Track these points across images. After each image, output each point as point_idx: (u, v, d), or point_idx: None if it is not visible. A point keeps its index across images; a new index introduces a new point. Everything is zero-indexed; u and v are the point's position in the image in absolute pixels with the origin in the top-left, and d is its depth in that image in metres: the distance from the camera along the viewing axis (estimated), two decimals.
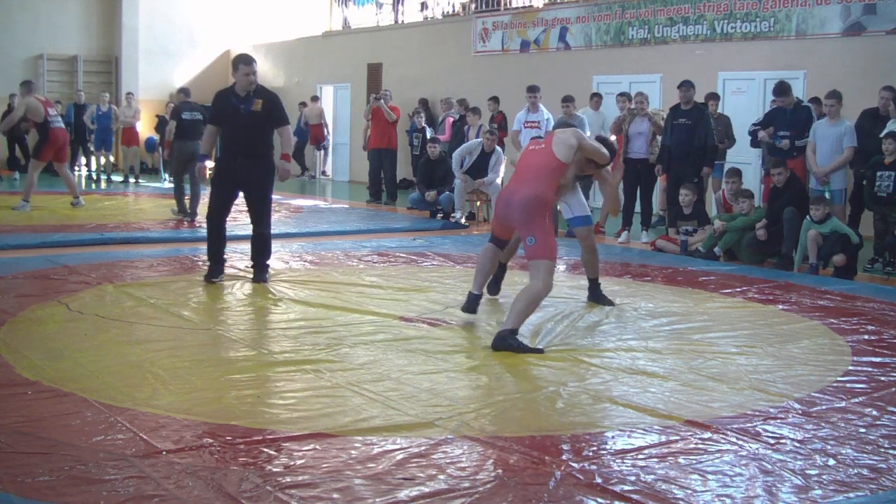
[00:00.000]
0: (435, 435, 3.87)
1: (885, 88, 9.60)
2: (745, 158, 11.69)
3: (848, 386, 4.79)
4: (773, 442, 3.89)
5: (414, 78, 17.51)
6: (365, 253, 9.00)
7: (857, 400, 4.54)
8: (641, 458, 3.67)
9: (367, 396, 4.39)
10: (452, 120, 14.18)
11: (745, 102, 12.03)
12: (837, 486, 3.46)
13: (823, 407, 4.41)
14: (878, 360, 5.36)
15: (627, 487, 3.36)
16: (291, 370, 4.83)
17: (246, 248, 9.16)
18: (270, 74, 21.61)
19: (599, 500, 3.26)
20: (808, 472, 3.57)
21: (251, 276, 7.38)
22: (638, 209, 10.95)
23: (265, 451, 3.64)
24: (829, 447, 3.85)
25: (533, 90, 11.61)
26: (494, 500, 3.23)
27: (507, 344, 5.31)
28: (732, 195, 9.62)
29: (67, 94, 19.81)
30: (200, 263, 8.13)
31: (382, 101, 14.64)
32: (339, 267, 8.04)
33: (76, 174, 13.23)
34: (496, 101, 13.79)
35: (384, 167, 14.71)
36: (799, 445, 3.86)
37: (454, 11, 18.12)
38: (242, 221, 11.48)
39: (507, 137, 12.61)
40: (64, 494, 3.15)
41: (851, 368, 5.14)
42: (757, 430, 4.04)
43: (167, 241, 9.58)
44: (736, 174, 9.93)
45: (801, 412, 4.32)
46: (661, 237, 10.09)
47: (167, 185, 16.76)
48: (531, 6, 15.99)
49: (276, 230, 10.66)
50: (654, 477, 3.47)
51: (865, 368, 5.15)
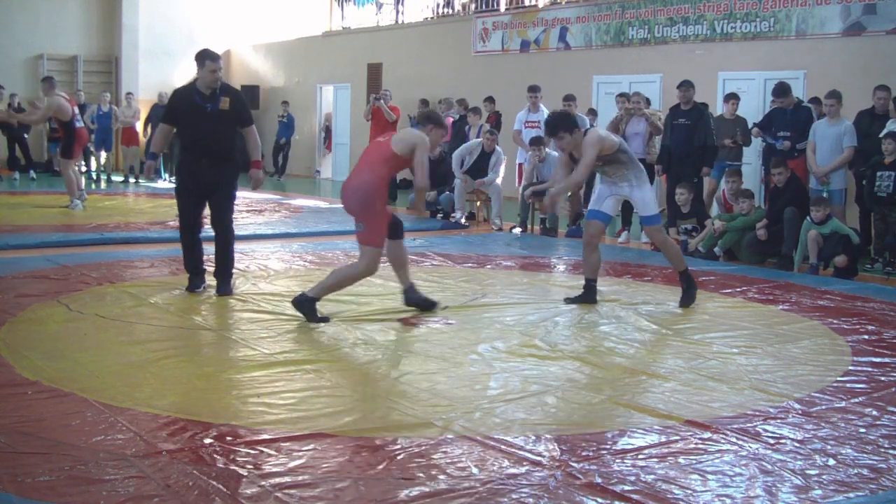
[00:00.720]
0: (435, 435, 3.87)
1: (880, 88, 9.62)
2: (745, 158, 11.67)
3: (848, 386, 4.79)
4: (773, 442, 3.89)
5: (414, 78, 17.51)
6: None
7: (857, 400, 4.54)
8: (641, 458, 3.68)
9: (367, 396, 4.39)
10: (452, 120, 14.18)
11: (745, 102, 11.98)
12: (837, 486, 3.46)
13: (823, 407, 4.41)
14: (878, 360, 5.36)
15: (627, 487, 3.36)
16: (291, 370, 4.83)
17: (246, 247, 9.20)
18: (270, 74, 21.62)
19: (599, 500, 3.26)
20: (808, 472, 3.57)
21: (216, 288, 6.86)
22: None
23: (265, 451, 3.64)
24: (829, 447, 3.85)
25: (534, 90, 11.62)
26: (494, 500, 3.23)
27: (303, 308, 5.89)
28: (732, 195, 9.62)
29: (68, 93, 19.71)
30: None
31: (382, 100, 14.64)
32: (338, 267, 8.02)
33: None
34: (492, 101, 13.80)
35: None
36: (799, 445, 3.86)
37: (454, 11, 18.11)
38: (242, 222, 11.53)
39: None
40: (64, 494, 3.16)
41: (851, 368, 5.14)
42: (757, 430, 4.04)
43: (167, 241, 9.56)
44: (736, 174, 9.93)
45: (801, 412, 4.32)
46: None
47: (168, 184, 16.78)
48: (531, 6, 15.99)
49: (276, 230, 10.77)
50: (654, 477, 3.48)
51: (865, 368, 5.15)
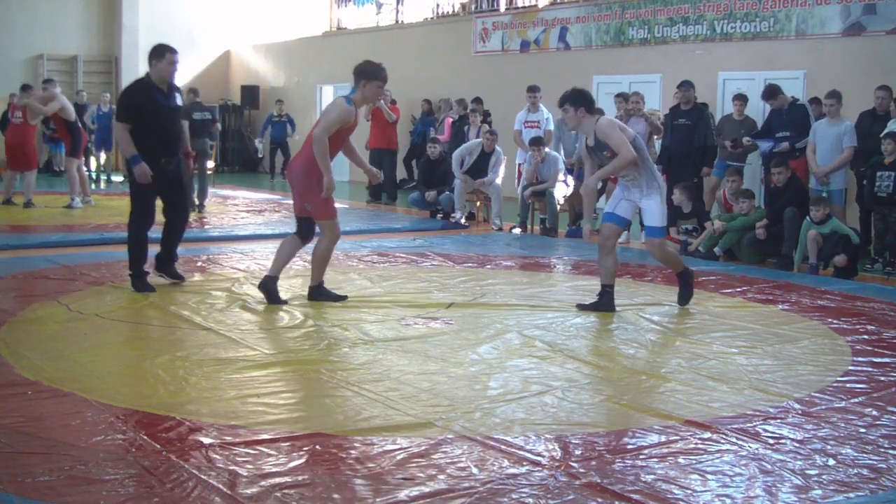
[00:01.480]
0: (435, 435, 3.87)
1: (880, 88, 9.62)
2: (747, 158, 11.65)
3: (848, 386, 4.79)
4: (773, 442, 3.89)
5: (414, 78, 17.49)
6: (365, 253, 8.99)
7: (857, 400, 4.54)
8: (641, 458, 3.68)
9: (367, 396, 4.39)
10: (452, 120, 14.18)
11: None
12: (837, 486, 3.46)
13: (823, 407, 4.41)
14: (878, 360, 5.35)
15: (627, 487, 3.36)
16: (291, 370, 4.83)
17: (246, 248, 9.20)
18: (270, 74, 21.62)
19: (599, 500, 3.26)
20: (808, 472, 3.57)
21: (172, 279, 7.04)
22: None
23: (265, 451, 3.64)
24: (829, 447, 3.85)
25: (533, 90, 11.63)
26: (494, 500, 3.23)
27: (318, 295, 6.48)
28: (732, 195, 9.62)
29: (68, 94, 19.71)
30: (200, 263, 8.14)
31: (382, 101, 14.64)
32: (338, 267, 8.03)
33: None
34: (479, 101, 13.91)
35: (384, 167, 14.69)
36: (799, 445, 3.86)
37: (454, 11, 18.11)
38: (242, 222, 11.53)
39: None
40: (64, 494, 3.16)
41: (851, 368, 5.14)
42: (757, 430, 4.03)
43: None
44: (737, 173, 9.93)
45: (801, 412, 4.32)
46: None
47: None
48: (531, 6, 15.98)
49: (276, 230, 10.76)
50: (654, 477, 3.48)
51: (865, 368, 5.15)
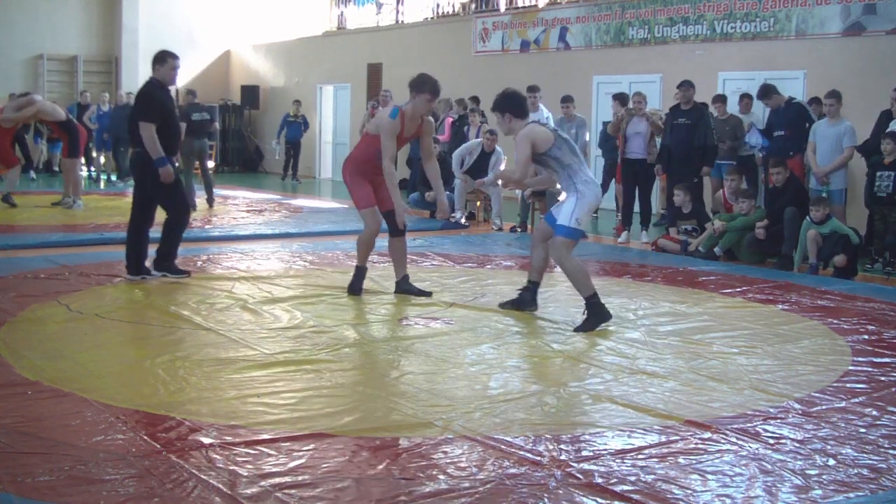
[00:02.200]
0: (435, 435, 3.87)
1: None
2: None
3: (848, 386, 4.79)
4: (773, 442, 3.89)
5: None
6: None
7: (857, 400, 4.54)
8: (641, 458, 3.68)
9: (367, 396, 4.39)
10: (452, 120, 14.18)
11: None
12: (837, 486, 3.46)
13: (823, 407, 4.41)
14: (878, 360, 5.35)
15: (627, 487, 3.36)
16: (291, 370, 4.83)
17: (246, 248, 9.20)
18: (270, 74, 21.61)
19: (599, 500, 3.26)
20: (808, 472, 3.57)
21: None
22: (637, 209, 10.95)
23: (265, 451, 3.64)
24: (829, 447, 3.85)
25: (533, 90, 11.60)
26: (494, 500, 3.23)
27: (404, 288, 6.79)
28: (732, 193, 9.63)
29: (67, 94, 19.79)
30: (200, 263, 8.13)
31: (380, 105, 14.68)
32: (339, 267, 8.03)
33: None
34: (476, 100, 13.98)
35: None
36: (799, 445, 3.86)
37: (454, 11, 18.10)
38: (242, 222, 11.53)
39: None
40: (64, 494, 3.16)
41: (851, 368, 5.14)
42: (757, 430, 4.04)
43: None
44: (736, 172, 9.93)
45: (801, 412, 4.32)
46: (663, 236, 10.09)
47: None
48: (531, 6, 15.98)
49: (276, 230, 10.77)
50: (654, 477, 3.48)
51: (865, 368, 5.15)
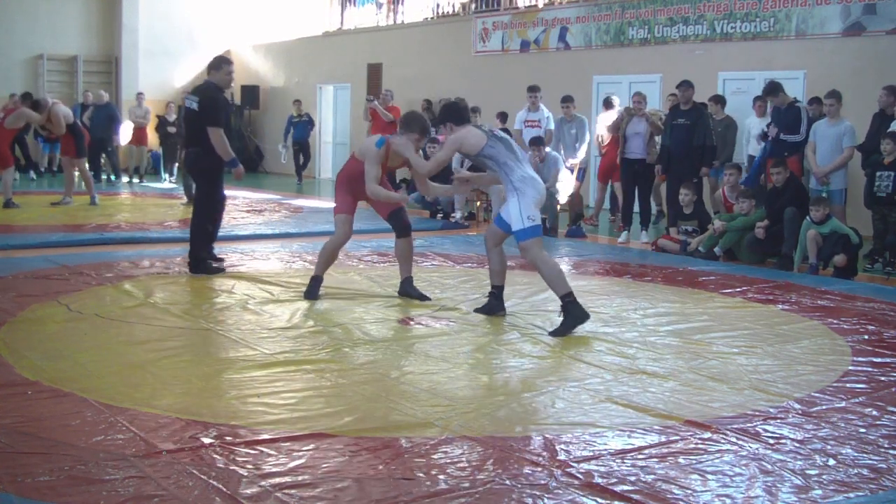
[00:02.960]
0: (435, 435, 3.87)
1: (885, 88, 9.60)
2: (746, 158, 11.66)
3: (848, 386, 4.79)
4: (773, 442, 3.89)
5: (414, 78, 17.49)
6: (365, 253, 8.99)
7: (857, 400, 4.54)
8: (641, 458, 3.67)
9: (367, 396, 4.39)
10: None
11: (745, 102, 12.00)
12: (837, 486, 3.46)
13: (823, 407, 4.41)
14: (878, 360, 5.35)
15: (627, 487, 3.36)
16: (291, 370, 4.83)
17: (246, 248, 9.20)
18: (270, 74, 21.60)
19: (599, 500, 3.26)
20: (808, 472, 3.57)
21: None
22: (637, 209, 10.95)
23: (265, 451, 3.64)
24: (829, 447, 3.85)
25: (533, 90, 11.64)
26: (494, 500, 3.23)
27: (406, 291, 6.72)
28: (731, 189, 9.63)
29: (67, 94, 19.78)
30: None
31: (377, 101, 14.70)
32: (339, 267, 8.02)
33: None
34: (476, 111, 13.93)
35: None
36: (799, 445, 3.86)
37: (454, 11, 18.10)
38: (242, 222, 11.53)
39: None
40: (64, 494, 3.16)
41: (851, 368, 5.14)
42: (757, 430, 4.04)
43: (167, 241, 9.57)
44: (736, 168, 9.94)
45: (801, 412, 4.32)
46: (663, 236, 10.09)
47: (169, 184, 16.79)
48: (531, 6, 15.98)
49: (276, 230, 10.78)
50: (654, 477, 3.48)
51: (865, 368, 5.15)
